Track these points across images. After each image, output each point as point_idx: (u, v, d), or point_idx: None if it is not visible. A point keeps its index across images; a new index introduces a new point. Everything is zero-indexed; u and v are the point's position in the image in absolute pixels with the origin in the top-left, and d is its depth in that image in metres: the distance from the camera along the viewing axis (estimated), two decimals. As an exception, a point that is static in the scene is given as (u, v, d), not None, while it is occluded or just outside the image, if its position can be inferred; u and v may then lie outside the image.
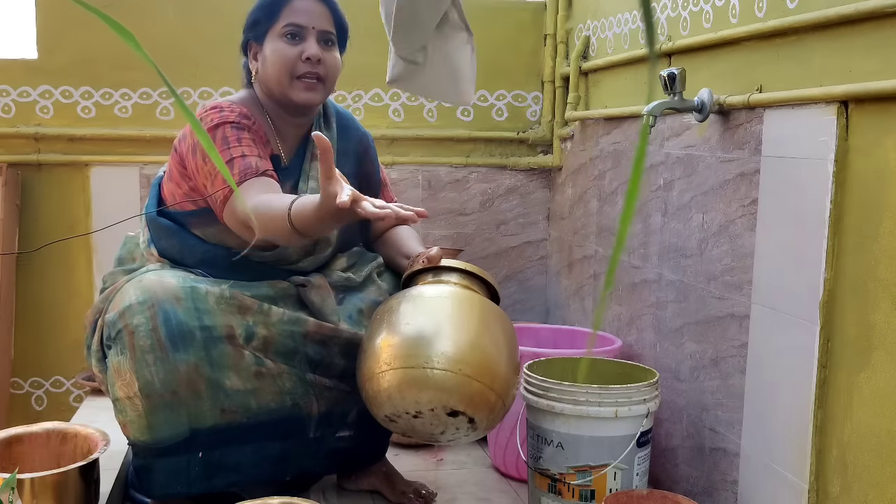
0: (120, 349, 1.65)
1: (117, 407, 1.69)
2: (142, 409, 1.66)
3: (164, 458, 1.71)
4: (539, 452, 1.90)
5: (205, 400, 1.70)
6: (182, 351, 1.66)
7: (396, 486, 2.06)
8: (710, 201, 1.89)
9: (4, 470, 1.72)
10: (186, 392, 1.68)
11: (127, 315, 1.65)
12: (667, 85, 1.87)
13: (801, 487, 1.57)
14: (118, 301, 1.70)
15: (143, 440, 1.70)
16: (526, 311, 3.01)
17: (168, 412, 1.67)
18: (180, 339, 1.66)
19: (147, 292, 1.66)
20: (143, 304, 1.65)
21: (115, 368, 1.66)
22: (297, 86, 1.80)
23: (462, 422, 1.69)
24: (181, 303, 1.67)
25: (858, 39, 1.46)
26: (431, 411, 1.67)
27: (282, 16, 1.79)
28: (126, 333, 1.64)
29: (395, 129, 2.87)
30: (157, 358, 1.64)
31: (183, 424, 1.69)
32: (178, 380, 1.66)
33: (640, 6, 0.44)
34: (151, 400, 1.65)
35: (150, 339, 1.64)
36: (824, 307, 1.52)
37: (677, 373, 2.03)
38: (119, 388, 1.67)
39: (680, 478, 2.03)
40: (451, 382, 1.63)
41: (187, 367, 1.66)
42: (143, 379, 1.64)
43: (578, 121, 2.71)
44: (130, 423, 1.69)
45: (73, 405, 2.73)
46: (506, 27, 2.92)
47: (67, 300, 2.73)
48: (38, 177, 2.69)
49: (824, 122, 1.51)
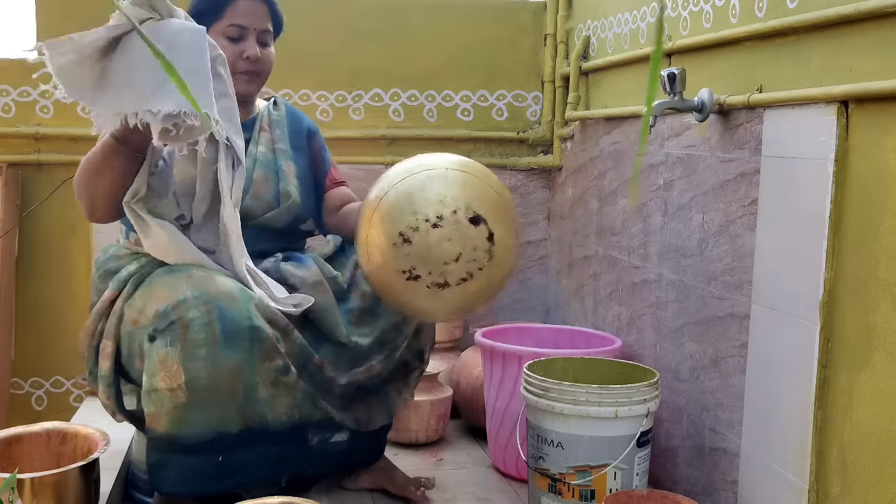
0: (169, 340, 1.65)
1: (151, 398, 1.68)
2: (181, 402, 1.66)
3: (184, 456, 1.71)
4: (539, 452, 1.90)
5: (237, 403, 1.72)
6: (232, 349, 1.67)
7: (397, 480, 2.08)
8: (710, 201, 1.89)
9: (4, 470, 1.73)
10: (225, 392, 1.69)
11: (182, 308, 1.65)
12: (667, 85, 1.87)
13: (801, 487, 1.57)
14: (165, 295, 1.69)
15: (172, 433, 1.69)
16: (526, 311, 3.01)
17: (203, 409, 1.68)
18: (232, 337, 1.67)
19: (201, 288, 1.68)
20: (199, 299, 1.66)
21: (161, 359, 1.66)
22: (238, 79, 1.91)
23: (482, 238, 1.58)
24: (235, 302, 1.69)
25: (858, 39, 1.46)
26: (454, 214, 1.57)
27: (226, 14, 1.90)
28: (179, 325, 1.65)
29: (395, 128, 2.87)
30: (208, 352, 1.65)
31: (211, 424, 1.70)
32: (222, 377, 1.67)
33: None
34: (193, 394, 1.66)
35: (205, 334, 1.65)
36: (824, 307, 1.52)
37: (677, 373, 2.03)
38: (161, 380, 1.66)
39: (680, 478, 2.03)
40: (471, 182, 1.60)
41: (232, 366, 1.68)
42: (190, 372, 1.65)
43: (578, 121, 2.71)
44: (165, 414, 1.68)
45: (73, 405, 2.73)
46: (506, 27, 2.92)
47: (67, 300, 2.73)
48: (38, 177, 2.69)
49: (824, 122, 1.51)
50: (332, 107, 2.85)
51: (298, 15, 2.81)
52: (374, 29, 2.86)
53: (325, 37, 2.83)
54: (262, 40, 1.95)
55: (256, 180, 1.93)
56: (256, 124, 2.02)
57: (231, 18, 1.91)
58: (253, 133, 2.01)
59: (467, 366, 2.58)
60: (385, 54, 2.86)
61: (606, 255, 2.48)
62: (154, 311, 1.69)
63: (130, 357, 1.78)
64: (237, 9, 1.91)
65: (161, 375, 1.66)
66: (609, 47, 2.51)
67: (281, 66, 2.79)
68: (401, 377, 2.04)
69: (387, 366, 1.96)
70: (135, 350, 1.76)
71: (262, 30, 1.94)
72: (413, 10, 2.87)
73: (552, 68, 2.90)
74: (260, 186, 1.93)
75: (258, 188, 1.93)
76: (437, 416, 2.46)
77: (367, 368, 1.92)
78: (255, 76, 1.96)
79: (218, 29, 1.90)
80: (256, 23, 1.93)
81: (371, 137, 2.86)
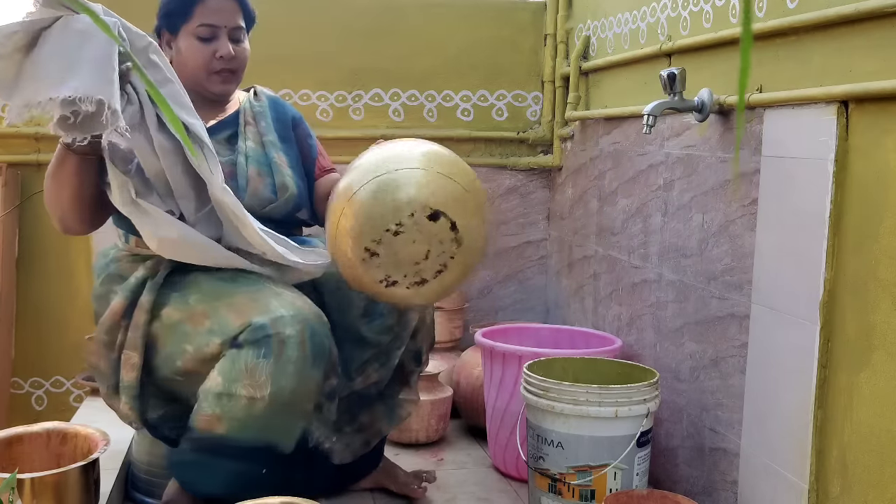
0: (265, 352, 1.67)
1: (221, 401, 1.68)
2: (256, 412, 1.67)
3: (232, 461, 1.71)
4: (539, 452, 1.90)
5: (303, 421, 1.76)
6: (317, 368, 1.72)
7: (398, 478, 2.10)
8: (710, 201, 1.89)
9: (4, 470, 1.72)
10: (300, 408, 1.72)
11: (279, 324, 1.68)
12: (667, 85, 1.87)
13: (801, 487, 1.57)
14: (253, 307, 1.71)
15: (231, 438, 1.69)
16: (526, 311, 3.01)
17: (274, 420, 1.70)
18: (319, 357, 1.72)
19: (294, 307, 1.71)
20: (295, 318, 1.69)
21: (248, 368, 1.67)
22: (214, 79, 1.91)
23: (444, 230, 1.60)
24: (323, 325, 1.75)
25: (858, 39, 1.46)
26: (411, 217, 1.58)
27: (195, 14, 1.87)
28: (276, 341, 1.67)
29: (395, 128, 2.87)
30: (297, 369, 1.68)
31: (271, 436, 1.72)
32: (303, 393, 1.71)
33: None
34: (273, 406, 1.68)
35: (298, 352, 1.68)
36: (824, 307, 1.52)
37: (677, 373, 2.03)
38: (243, 387, 1.66)
39: (680, 478, 2.03)
40: (424, 178, 1.60)
41: (315, 384, 1.73)
42: (277, 384, 1.67)
43: (578, 121, 2.71)
44: (231, 419, 1.68)
45: (73, 405, 2.73)
46: (506, 27, 2.92)
47: (68, 301, 2.73)
48: (38, 177, 2.68)
49: (824, 122, 1.51)
50: (332, 107, 2.85)
51: (298, 15, 2.82)
52: (374, 29, 2.86)
53: (325, 37, 2.83)
54: (234, 37, 1.91)
55: (251, 177, 1.90)
56: (241, 118, 1.99)
57: (201, 18, 1.87)
58: (239, 128, 1.98)
59: (467, 366, 2.58)
60: (385, 54, 2.86)
61: (606, 255, 2.48)
62: (242, 321, 1.69)
63: (170, 358, 1.77)
64: (206, 8, 1.87)
65: (244, 383, 1.67)
66: (609, 47, 2.51)
67: (281, 66, 2.81)
68: (401, 381, 2.06)
69: (384, 373, 1.97)
70: (178, 351, 1.75)
71: (233, 27, 1.90)
72: (413, 10, 2.87)
73: (552, 68, 2.90)
74: (256, 182, 1.91)
75: (255, 185, 1.90)
76: (437, 416, 2.46)
77: (364, 378, 1.94)
78: (231, 74, 1.93)
79: (188, 30, 1.87)
80: (227, 20, 1.89)
81: (371, 137, 2.84)
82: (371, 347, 1.94)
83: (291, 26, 2.81)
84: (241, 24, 1.92)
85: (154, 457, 1.98)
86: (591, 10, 2.64)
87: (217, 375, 1.69)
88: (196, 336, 1.72)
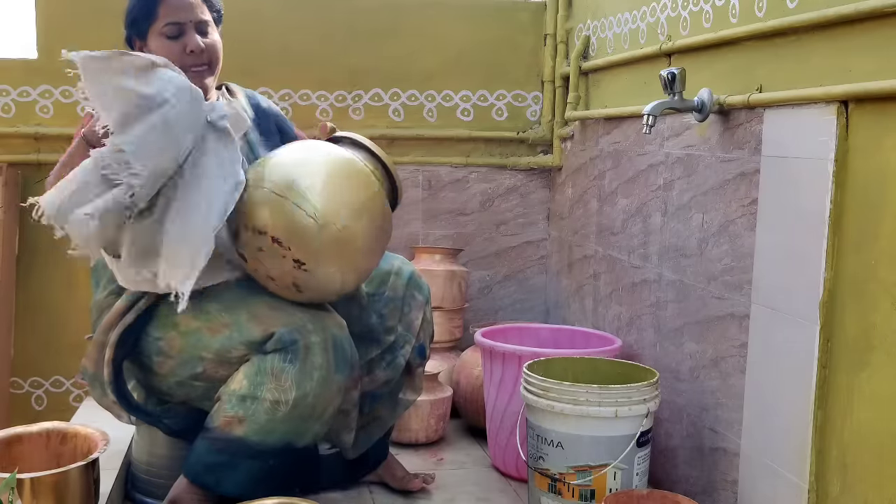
0: (291, 358, 1.71)
1: (245, 403, 1.71)
2: (279, 416, 1.71)
3: (252, 461, 1.74)
4: (539, 452, 1.90)
5: (323, 426, 1.78)
6: (340, 373, 1.76)
7: (397, 475, 2.13)
8: (710, 201, 1.89)
9: (4, 470, 1.72)
10: (320, 412, 1.75)
11: (304, 332, 1.72)
12: (667, 85, 1.87)
13: (801, 487, 1.57)
14: (276, 317, 1.74)
15: (253, 440, 1.72)
16: (526, 311, 3.01)
17: (294, 423, 1.73)
18: (342, 363, 1.76)
19: (316, 315, 1.76)
20: (317, 326, 1.74)
21: (274, 372, 1.70)
22: (189, 76, 1.88)
23: (274, 248, 1.68)
24: (344, 331, 1.80)
25: (858, 39, 1.46)
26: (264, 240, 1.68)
27: (159, 14, 1.87)
28: (302, 347, 1.71)
29: (395, 128, 2.87)
30: (321, 375, 1.72)
31: (290, 437, 1.74)
32: (327, 398, 1.75)
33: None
34: (295, 410, 1.72)
35: (322, 359, 1.73)
36: (824, 307, 1.52)
37: (677, 373, 2.03)
38: (268, 391, 1.70)
39: (680, 478, 2.03)
40: (258, 197, 1.69)
41: (338, 388, 1.76)
42: (301, 390, 1.71)
43: (578, 121, 2.71)
44: (254, 422, 1.71)
45: (73, 405, 2.73)
46: (506, 27, 2.92)
47: (67, 300, 2.73)
48: (39, 176, 2.68)
49: (824, 121, 1.51)
50: (332, 107, 2.84)
51: (298, 15, 2.82)
52: (374, 29, 2.86)
53: (325, 37, 2.83)
54: (201, 31, 1.91)
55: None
56: None
57: (165, 17, 1.86)
58: None
59: (467, 366, 2.58)
60: (385, 54, 2.86)
61: (606, 255, 2.48)
62: (264, 329, 1.72)
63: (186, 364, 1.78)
64: (168, 6, 1.86)
65: (270, 387, 1.70)
66: (609, 47, 2.51)
67: (281, 66, 2.81)
68: (408, 378, 2.09)
69: (392, 374, 1.99)
70: (196, 357, 1.77)
71: (198, 21, 1.89)
72: (413, 10, 2.87)
73: (552, 68, 2.90)
74: None
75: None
76: (437, 416, 2.46)
77: (371, 378, 1.96)
78: (205, 67, 1.91)
79: (156, 31, 1.87)
80: (191, 15, 1.88)
81: (371, 137, 2.84)
82: (376, 346, 1.97)
83: (295, 26, 2.81)
84: (205, 18, 1.92)
85: (154, 457, 1.98)
86: (591, 9, 2.64)
87: (242, 378, 1.73)
88: (215, 343, 1.75)
